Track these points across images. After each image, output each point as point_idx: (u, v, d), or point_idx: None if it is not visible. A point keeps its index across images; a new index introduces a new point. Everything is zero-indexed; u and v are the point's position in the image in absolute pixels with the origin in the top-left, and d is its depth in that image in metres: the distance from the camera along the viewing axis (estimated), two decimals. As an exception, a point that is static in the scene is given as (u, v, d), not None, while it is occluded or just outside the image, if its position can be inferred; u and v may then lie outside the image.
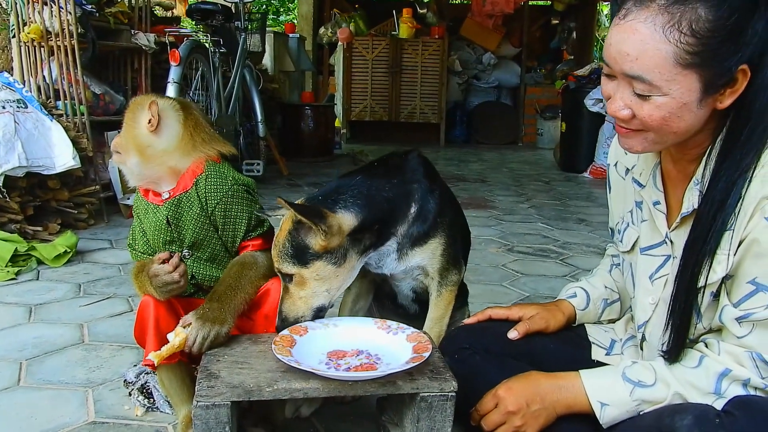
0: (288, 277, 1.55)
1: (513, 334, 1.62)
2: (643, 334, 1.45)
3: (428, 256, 1.67)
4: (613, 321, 1.71)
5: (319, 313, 1.58)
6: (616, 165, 1.58)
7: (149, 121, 1.63)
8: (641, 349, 1.48)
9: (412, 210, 1.65)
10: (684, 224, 1.33)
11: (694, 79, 1.17)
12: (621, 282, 1.68)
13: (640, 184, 1.45)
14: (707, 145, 1.28)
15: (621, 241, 1.52)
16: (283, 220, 1.58)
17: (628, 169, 1.52)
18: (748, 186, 1.20)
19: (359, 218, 1.55)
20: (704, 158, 1.28)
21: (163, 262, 1.54)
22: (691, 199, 1.30)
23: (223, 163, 1.73)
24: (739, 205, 1.20)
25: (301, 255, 1.52)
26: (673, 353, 1.30)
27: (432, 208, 1.66)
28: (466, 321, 1.72)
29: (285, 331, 1.53)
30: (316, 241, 1.50)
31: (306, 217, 1.47)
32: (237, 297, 1.58)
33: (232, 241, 1.72)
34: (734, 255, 1.22)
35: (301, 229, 1.51)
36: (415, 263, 1.68)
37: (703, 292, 1.26)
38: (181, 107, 1.69)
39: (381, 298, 1.89)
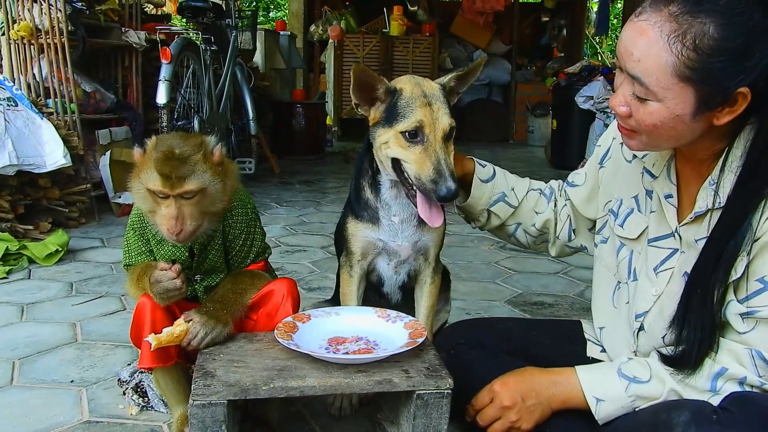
0: None
1: None
2: (641, 324, 1.45)
3: (435, 236, 1.72)
4: (499, 218, 1.75)
5: None
6: (622, 145, 1.56)
7: (219, 166, 1.52)
8: (637, 338, 1.47)
9: None
10: (696, 222, 1.33)
11: (689, 93, 1.17)
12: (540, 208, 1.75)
13: (652, 175, 1.45)
14: (718, 147, 1.28)
15: (621, 226, 1.51)
16: None
17: (635, 156, 1.51)
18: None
19: None
20: (720, 160, 1.27)
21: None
22: (705, 199, 1.29)
23: (240, 186, 1.66)
24: (756, 223, 1.20)
25: None
26: (688, 366, 1.29)
27: None
28: None
29: (288, 318, 1.56)
30: None
31: None
32: (238, 302, 1.57)
33: (239, 265, 1.69)
34: (748, 255, 1.22)
35: None
36: (426, 240, 1.70)
37: (717, 292, 1.25)
38: (203, 141, 1.55)
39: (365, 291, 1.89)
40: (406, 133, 1.50)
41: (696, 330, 1.27)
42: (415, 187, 1.51)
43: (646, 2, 1.19)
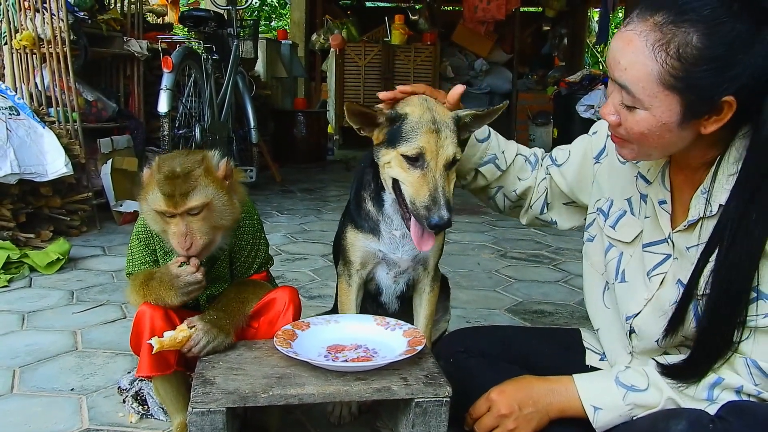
0: None
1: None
2: (631, 327, 1.45)
3: (436, 247, 1.72)
4: (485, 179, 1.73)
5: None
6: None
7: (225, 178, 1.53)
8: (630, 339, 1.47)
9: None
10: (688, 230, 1.34)
11: (675, 101, 1.18)
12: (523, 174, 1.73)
13: (646, 180, 1.45)
14: (710, 156, 1.28)
15: (613, 227, 1.51)
16: None
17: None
18: None
19: None
20: (712, 168, 1.27)
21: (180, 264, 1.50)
22: (697, 207, 1.30)
23: (247, 196, 1.67)
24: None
25: None
26: (692, 377, 1.29)
27: None
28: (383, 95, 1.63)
29: (288, 326, 1.56)
30: None
31: None
32: (240, 311, 1.57)
33: (242, 275, 1.69)
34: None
35: None
36: (426, 252, 1.70)
37: (727, 306, 1.24)
38: (204, 157, 1.55)
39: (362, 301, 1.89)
40: (407, 157, 1.50)
41: (707, 343, 1.26)
42: (409, 211, 1.53)
43: (634, 12, 1.21)
